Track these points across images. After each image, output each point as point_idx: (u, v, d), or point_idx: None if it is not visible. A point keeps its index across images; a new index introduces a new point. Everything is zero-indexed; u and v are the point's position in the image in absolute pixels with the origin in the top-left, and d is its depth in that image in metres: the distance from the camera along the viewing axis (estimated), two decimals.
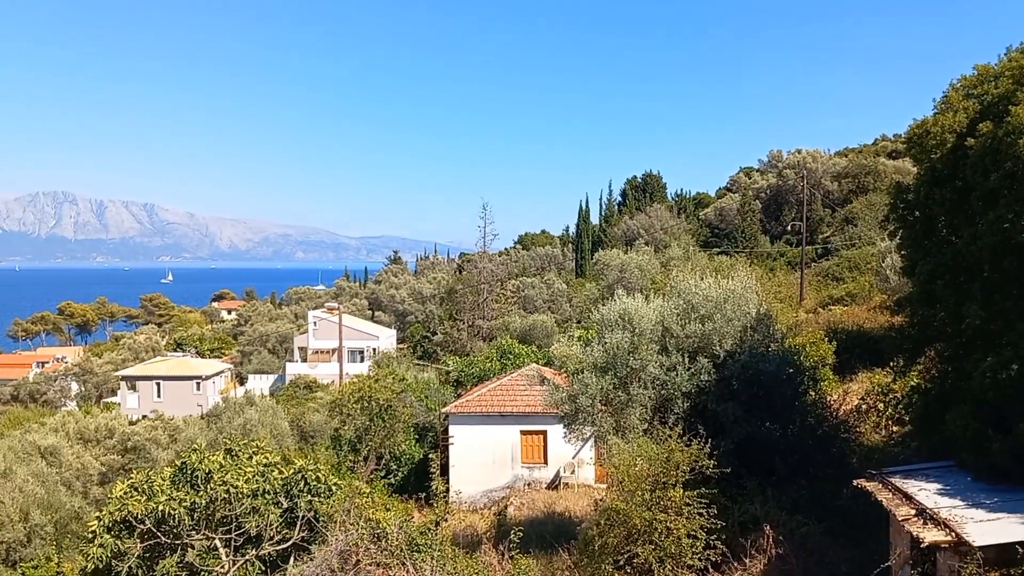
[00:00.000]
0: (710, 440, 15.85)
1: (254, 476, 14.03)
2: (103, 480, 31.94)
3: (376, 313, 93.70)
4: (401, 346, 76.28)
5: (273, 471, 14.23)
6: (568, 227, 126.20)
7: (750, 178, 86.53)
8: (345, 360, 64.14)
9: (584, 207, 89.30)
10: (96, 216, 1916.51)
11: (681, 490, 15.03)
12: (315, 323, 70.90)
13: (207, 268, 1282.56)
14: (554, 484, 30.59)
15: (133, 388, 68.85)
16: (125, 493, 13.69)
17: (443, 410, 33.15)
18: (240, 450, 14.67)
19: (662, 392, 17.71)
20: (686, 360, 17.72)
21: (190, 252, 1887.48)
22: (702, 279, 18.83)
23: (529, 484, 30.87)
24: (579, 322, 59.01)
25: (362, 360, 68.90)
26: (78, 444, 35.24)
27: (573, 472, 30.21)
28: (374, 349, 68.18)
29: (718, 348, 17.72)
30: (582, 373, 18.34)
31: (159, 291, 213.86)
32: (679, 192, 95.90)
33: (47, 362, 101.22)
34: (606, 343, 18.20)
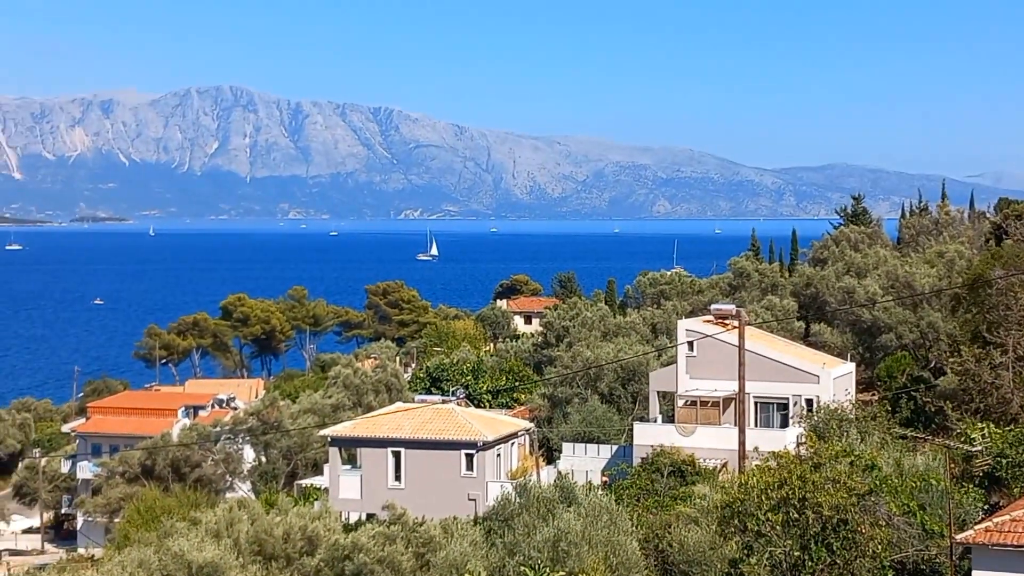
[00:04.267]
0: None
1: None
2: None
3: (814, 327, 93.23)
4: (867, 396, 75.24)
5: None
6: None
7: None
8: (750, 420, 64.31)
9: None
10: (288, 134, 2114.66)
11: None
12: (690, 346, 72.16)
13: (484, 233, 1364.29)
14: None
15: (352, 461, 74.92)
16: None
17: (958, 537, 32.38)
18: None
19: None
20: None
21: (457, 201, 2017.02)
22: None
23: None
24: None
25: (784, 422, 68.88)
26: (255, 562, 38.92)
27: None
28: (809, 401, 67.92)
29: None
30: None
31: (400, 277, 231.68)
32: None
33: (203, 407, 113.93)
34: None
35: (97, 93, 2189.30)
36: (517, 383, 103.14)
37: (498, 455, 72.61)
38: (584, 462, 72.64)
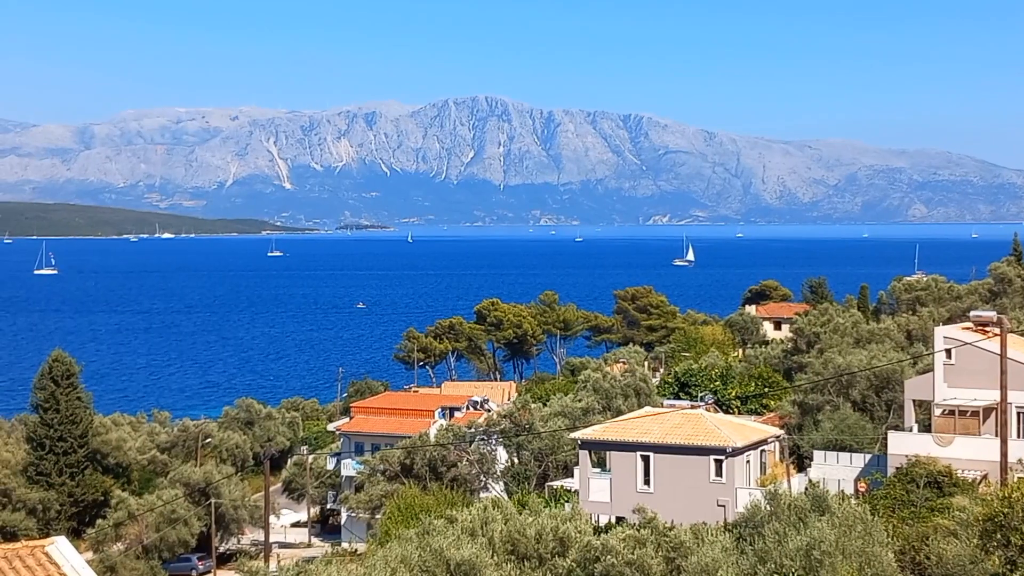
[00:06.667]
0: None
1: None
2: None
3: None
4: None
5: None
6: None
7: None
8: (1013, 431, 61.89)
9: None
10: (540, 142, 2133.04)
11: None
12: (948, 353, 69.89)
13: (730, 238, 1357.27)
14: None
15: (600, 464, 74.69)
16: None
17: None
18: None
19: None
20: None
21: (706, 207, 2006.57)
22: None
23: None
24: None
25: None
26: (509, 561, 38.94)
27: None
28: None
29: None
30: None
31: (650, 283, 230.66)
32: None
33: (458, 408, 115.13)
34: None
35: (361, 106, 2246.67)
36: (766, 389, 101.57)
37: (747, 461, 71.54)
38: (836, 471, 70.86)
